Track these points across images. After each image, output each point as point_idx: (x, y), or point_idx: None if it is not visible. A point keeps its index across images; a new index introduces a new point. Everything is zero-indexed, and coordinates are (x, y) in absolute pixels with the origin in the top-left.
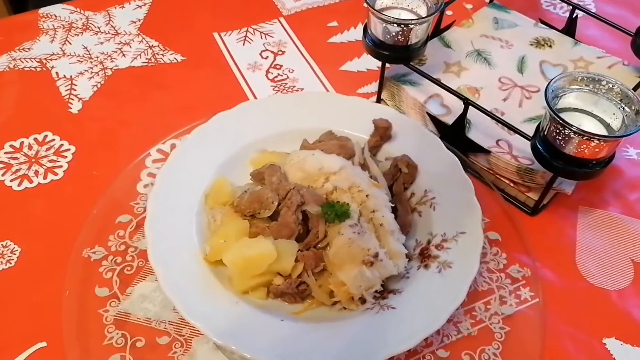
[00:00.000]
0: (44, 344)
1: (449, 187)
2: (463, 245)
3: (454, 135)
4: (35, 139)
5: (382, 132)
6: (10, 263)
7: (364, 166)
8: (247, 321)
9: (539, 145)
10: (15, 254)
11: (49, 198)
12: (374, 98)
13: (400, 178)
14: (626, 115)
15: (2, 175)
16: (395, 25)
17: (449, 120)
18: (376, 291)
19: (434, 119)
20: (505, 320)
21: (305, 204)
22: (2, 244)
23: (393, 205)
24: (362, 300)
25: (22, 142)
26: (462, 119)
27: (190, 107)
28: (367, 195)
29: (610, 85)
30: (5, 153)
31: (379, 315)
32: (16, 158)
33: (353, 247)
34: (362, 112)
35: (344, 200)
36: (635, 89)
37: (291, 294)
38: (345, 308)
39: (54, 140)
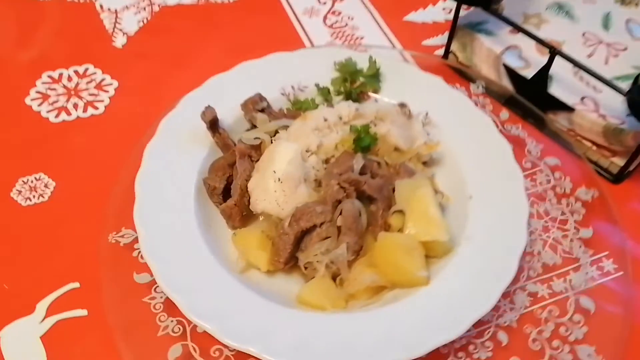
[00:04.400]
0: (76, 284)
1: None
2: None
3: (534, 90)
4: (75, 71)
5: None
6: (44, 197)
7: None
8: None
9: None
10: (49, 188)
11: (88, 132)
12: (441, 51)
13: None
14: None
15: (39, 105)
16: None
17: (528, 74)
18: None
19: (510, 73)
20: (586, 292)
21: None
22: (35, 177)
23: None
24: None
25: (60, 74)
26: (544, 72)
27: (241, 49)
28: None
29: None
30: (43, 83)
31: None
32: (54, 89)
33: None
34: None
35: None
36: None
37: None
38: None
39: (95, 73)
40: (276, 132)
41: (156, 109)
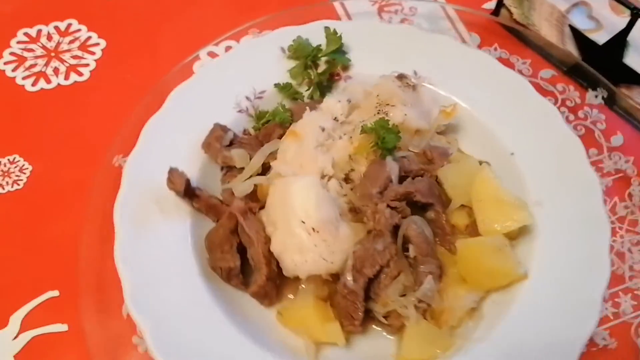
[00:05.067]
0: (55, 292)
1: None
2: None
3: (606, 59)
4: (56, 28)
5: None
6: (18, 184)
7: None
8: None
9: None
10: (24, 173)
11: (70, 104)
12: (492, 4)
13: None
14: None
15: (13, 70)
16: None
17: (600, 38)
18: None
19: (577, 36)
20: None
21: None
22: (8, 159)
23: None
24: None
25: (39, 30)
26: (621, 37)
27: (252, 3)
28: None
29: None
30: (18, 42)
31: None
32: (31, 50)
33: None
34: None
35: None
36: None
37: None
38: None
39: (79, 30)
40: (266, 165)
41: (150, 75)
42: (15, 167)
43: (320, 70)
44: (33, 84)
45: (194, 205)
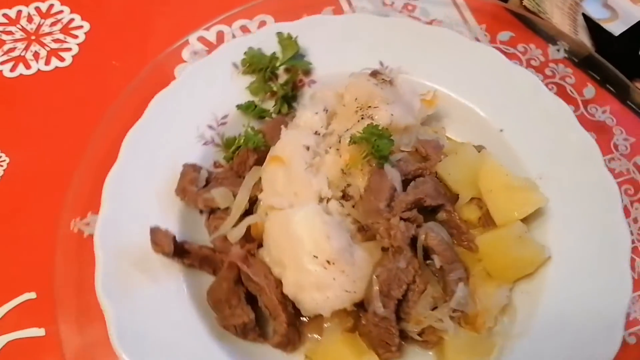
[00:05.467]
0: (32, 294)
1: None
2: None
3: (621, 51)
4: (37, 9)
5: None
6: None
7: None
8: None
9: None
10: (1, 166)
11: (51, 91)
12: None
13: None
14: None
15: None
16: None
17: (616, 29)
18: None
19: (591, 25)
20: None
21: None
22: None
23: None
24: None
25: (19, 11)
26: (638, 28)
27: None
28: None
29: None
30: None
31: None
32: (10, 32)
33: None
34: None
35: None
36: None
37: None
38: None
39: (62, 12)
40: (252, 198)
41: (136, 61)
42: None
43: (282, 81)
44: (11, 70)
45: (185, 263)
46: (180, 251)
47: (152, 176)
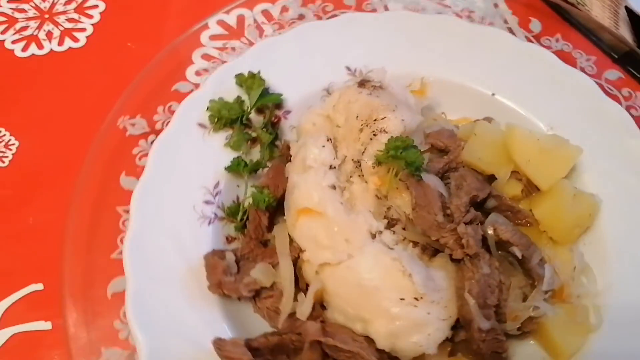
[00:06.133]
0: (39, 285)
1: None
2: None
3: None
4: None
5: None
6: (3, 162)
7: None
8: None
9: None
10: (11, 150)
11: (63, 72)
12: None
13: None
14: None
15: (2, 33)
16: None
17: None
18: None
19: (634, 20)
20: None
21: None
22: None
23: None
24: None
25: None
26: None
27: None
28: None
29: None
30: (9, 2)
31: None
32: (23, 10)
33: None
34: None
35: None
36: None
37: None
38: None
39: None
40: (294, 260)
41: (152, 43)
42: (1, 142)
43: (259, 125)
44: (23, 49)
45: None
46: (254, 353)
47: (166, 277)
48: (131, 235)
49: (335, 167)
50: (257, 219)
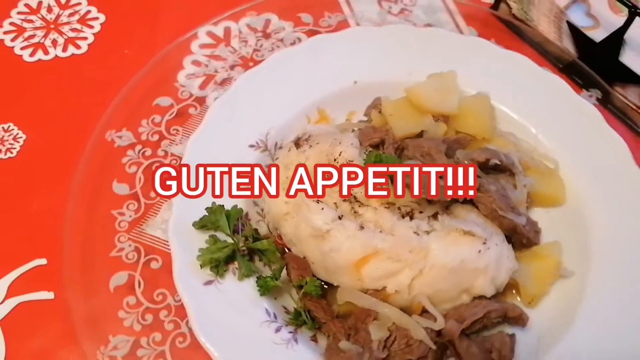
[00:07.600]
0: (43, 260)
1: None
2: None
3: (602, 57)
4: (56, 0)
5: None
6: (12, 152)
7: None
8: None
9: None
10: (18, 142)
11: (67, 76)
12: None
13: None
14: None
15: (12, 40)
16: None
17: (597, 36)
18: None
19: (574, 33)
20: None
21: None
22: (3, 127)
23: None
24: None
25: (39, 2)
26: (618, 35)
27: None
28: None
29: None
30: (19, 13)
31: None
32: (31, 21)
33: None
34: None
35: None
36: None
37: None
38: None
39: (80, 4)
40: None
41: (146, 50)
42: (10, 135)
43: (238, 237)
44: (31, 55)
45: None
46: None
47: None
48: None
49: (342, 216)
50: (318, 307)
